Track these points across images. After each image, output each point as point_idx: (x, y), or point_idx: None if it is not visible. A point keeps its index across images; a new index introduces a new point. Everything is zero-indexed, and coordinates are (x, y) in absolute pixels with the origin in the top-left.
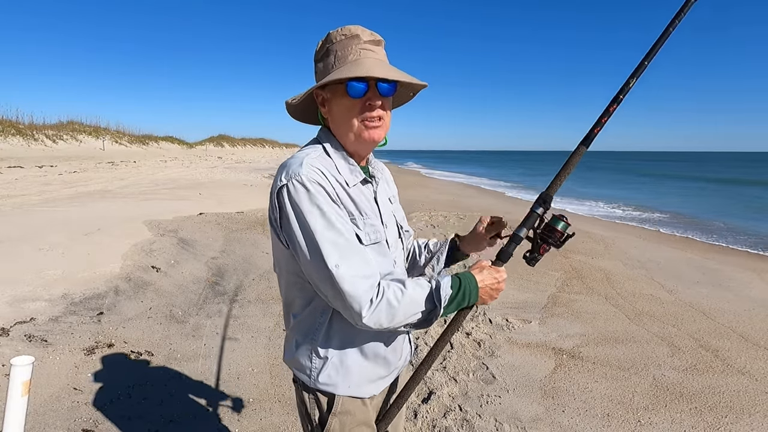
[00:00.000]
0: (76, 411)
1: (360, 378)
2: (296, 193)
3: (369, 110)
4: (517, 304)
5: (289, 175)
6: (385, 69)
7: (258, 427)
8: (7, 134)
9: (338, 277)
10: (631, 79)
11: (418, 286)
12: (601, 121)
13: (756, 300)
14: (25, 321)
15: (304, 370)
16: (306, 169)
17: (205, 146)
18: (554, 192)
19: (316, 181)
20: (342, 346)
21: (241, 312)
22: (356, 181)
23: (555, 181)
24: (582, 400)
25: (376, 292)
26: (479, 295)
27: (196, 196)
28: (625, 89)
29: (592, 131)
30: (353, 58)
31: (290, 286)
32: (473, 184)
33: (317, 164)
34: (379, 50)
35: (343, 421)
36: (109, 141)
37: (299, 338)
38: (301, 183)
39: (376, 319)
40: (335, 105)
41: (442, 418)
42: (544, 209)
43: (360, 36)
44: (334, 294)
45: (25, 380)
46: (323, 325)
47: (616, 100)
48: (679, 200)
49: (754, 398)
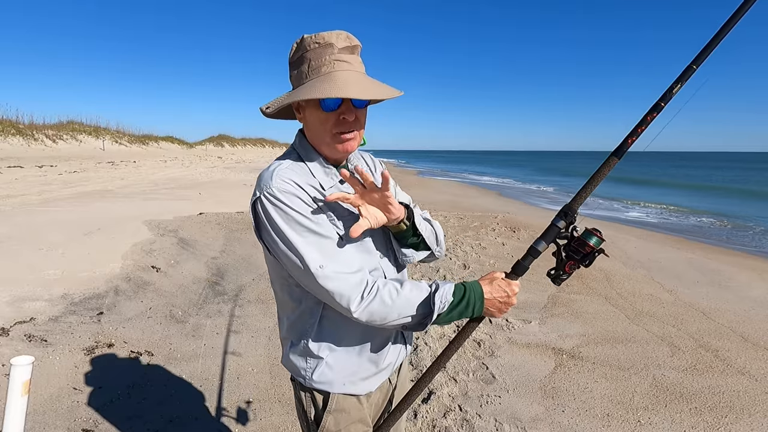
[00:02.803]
0: (76, 411)
1: (353, 376)
2: (269, 205)
3: (343, 124)
4: (517, 304)
5: (261, 188)
6: (358, 85)
7: (258, 427)
8: (7, 134)
9: (324, 276)
10: (675, 85)
11: (416, 288)
12: (638, 131)
13: (756, 300)
14: (25, 321)
15: (299, 370)
16: (276, 181)
17: (205, 146)
18: (579, 205)
19: (288, 191)
20: (334, 346)
21: (241, 312)
22: (332, 183)
23: (581, 193)
24: (582, 400)
25: (367, 287)
26: (486, 307)
27: (196, 196)
28: (667, 96)
29: (626, 141)
30: (327, 69)
31: (280, 290)
32: (505, 185)
33: (288, 174)
34: (354, 59)
35: (338, 418)
36: (109, 141)
37: (293, 340)
38: (272, 195)
39: (369, 314)
40: (309, 115)
41: (442, 418)
42: (566, 222)
43: (334, 45)
44: (323, 293)
45: (25, 380)
46: (313, 326)
47: (656, 108)
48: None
49: (754, 398)
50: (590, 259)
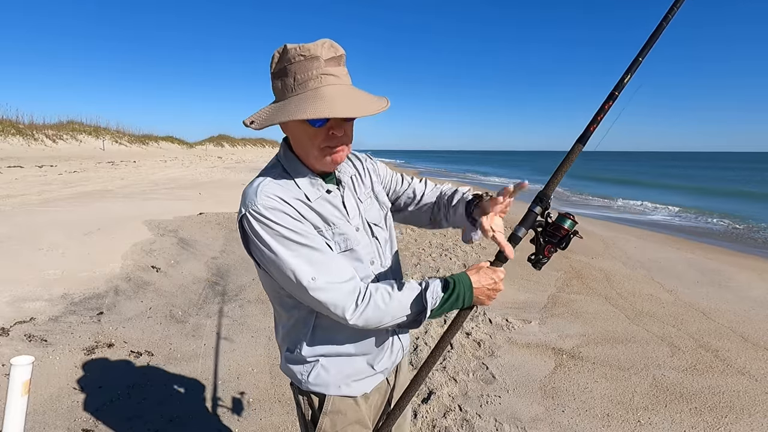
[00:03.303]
0: (76, 411)
1: (348, 378)
2: (256, 222)
3: (332, 139)
4: (517, 304)
5: (247, 205)
6: (347, 101)
7: (258, 427)
8: (7, 134)
9: (316, 288)
10: (626, 76)
11: (407, 289)
12: (597, 119)
13: (756, 300)
14: (25, 321)
15: (296, 375)
16: (261, 198)
17: (205, 146)
18: (552, 191)
19: (273, 207)
20: (328, 351)
21: (241, 312)
22: (319, 194)
23: (552, 180)
24: (582, 400)
25: (360, 294)
26: (476, 296)
27: (196, 196)
28: (620, 85)
29: (588, 129)
30: (314, 85)
31: (273, 300)
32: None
33: (272, 189)
34: (340, 71)
35: (334, 419)
36: (109, 141)
37: (288, 347)
38: (257, 212)
39: (364, 320)
40: (295, 128)
41: (442, 418)
42: (542, 208)
43: (320, 57)
44: (317, 304)
45: (25, 380)
46: (307, 335)
47: (611, 97)
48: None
49: (754, 398)
50: (566, 241)
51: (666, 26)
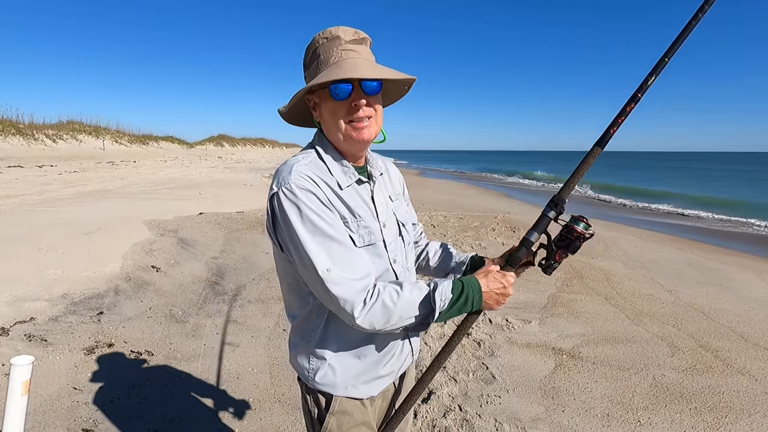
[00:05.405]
0: (76, 411)
1: (356, 379)
2: (286, 201)
3: (355, 111)
4: (517, 304)
5: (279, 183)
6: (366, 68)
7: (258, 427)
8: (7, 134)
9: (329, 280)
10: (650, 77)
11: (416, 289)
12: (618, 121)
13: (756, 300)
14: (25, 321)
15: (303, 371)
16: (295, 176)
17: (205, 146)
18: (567, 195)
19: (305, 188)
20: (338, 348)
21: (241, 312)
22: (350, 182)
23: (568, 184)
24: (582, 400)
25: (370, 293)
26: (484, 300)
27: (196, 196)
28: (643, 87)
29: (608, 132)
30: (335, 60)
31: (288, 289)
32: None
33: (306, 170)
34: (363, 49)
35: (340, 420)
36: (109, 141)
37: (298, 340)
38: (290, 190)
39: (371, 320)
40: (324, 109)
41: (442, 418)
42: (556, 213)
43: (341, 37)
44: (326, 297)
45: (25, 380)
46: (319, 326)
47: (634, 99)
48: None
49: (754, 398)
50: (578, 246)
51: (696, 25)
